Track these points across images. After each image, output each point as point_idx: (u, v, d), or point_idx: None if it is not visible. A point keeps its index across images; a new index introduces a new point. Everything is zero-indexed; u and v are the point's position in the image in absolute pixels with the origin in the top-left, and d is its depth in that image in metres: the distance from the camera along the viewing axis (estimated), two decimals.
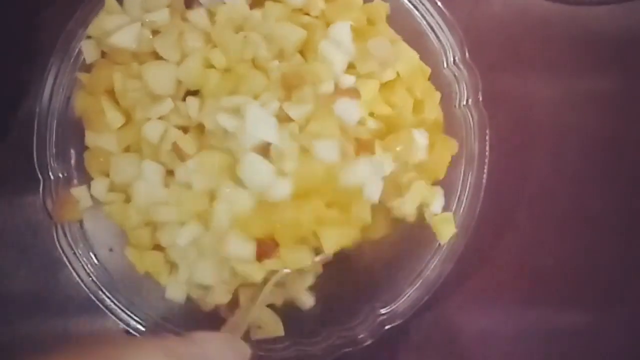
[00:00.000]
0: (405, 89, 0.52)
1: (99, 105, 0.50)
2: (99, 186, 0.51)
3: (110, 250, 0.52)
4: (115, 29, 0.50)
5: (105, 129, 0.51)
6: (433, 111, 0.53)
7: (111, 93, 0.51)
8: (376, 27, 0.53)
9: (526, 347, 0.57)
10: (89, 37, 0.52)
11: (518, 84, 0.60)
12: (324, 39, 0.51)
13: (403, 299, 0.52)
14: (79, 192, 0.52)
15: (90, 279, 0.51)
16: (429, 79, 0.54)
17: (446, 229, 0.52)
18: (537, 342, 0.57)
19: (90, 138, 0.52)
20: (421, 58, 0.54)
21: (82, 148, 0.53)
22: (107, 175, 0.51)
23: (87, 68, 0.52)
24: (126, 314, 0.51)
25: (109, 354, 0.35)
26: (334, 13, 0.52)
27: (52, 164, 0.52)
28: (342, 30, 0.51)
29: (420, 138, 0.51)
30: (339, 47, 0.51)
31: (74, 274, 0.51)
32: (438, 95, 0.54)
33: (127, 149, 0.51)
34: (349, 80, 0.51)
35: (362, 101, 0.50)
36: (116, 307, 0.51)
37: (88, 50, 0.52)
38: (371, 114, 0.51)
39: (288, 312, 0.52)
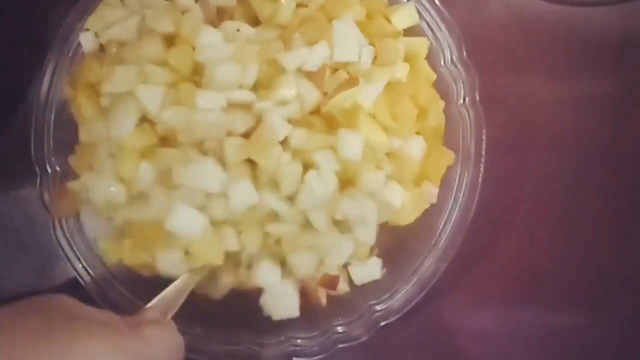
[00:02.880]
0: (410, 96, 0.52)
1: (79, 100, 0.50)
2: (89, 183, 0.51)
3: (95, 242, 0.52)
4: (114, 22, 0.50)
5: (85, 123, 0.51)
6: (436, 118, 0.53)
7: (92, 87, 0.50)
8: (376, 20, 0.53)
9: (522, 346, 0.57)
10: (87, 30, 0.52)
11: (515, 84, 0.60)
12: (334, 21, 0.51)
13: (398, 296, 0.52)
14: (76, 185, 0.52)
15: (87, 272, 0.51)
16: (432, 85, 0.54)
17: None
18: (533, 341, 0.57)
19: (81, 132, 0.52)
20: None
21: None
22: (92, 170, 0.51)
23: None
24: (121, 307, 0.51)
25: (57, 337, 0.36)
26: (334, 7, 0.51)
27: (50, 158, 0.52)
28: (347, 21, 0.51)
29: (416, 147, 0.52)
30: (353, 28, 0.51)
31: (70, 267, 0.51)
32: (442, 103, 0.54)
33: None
34: (366, 59, 0.51)
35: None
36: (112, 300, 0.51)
37: (86, 43, 0.52)
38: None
39: None
